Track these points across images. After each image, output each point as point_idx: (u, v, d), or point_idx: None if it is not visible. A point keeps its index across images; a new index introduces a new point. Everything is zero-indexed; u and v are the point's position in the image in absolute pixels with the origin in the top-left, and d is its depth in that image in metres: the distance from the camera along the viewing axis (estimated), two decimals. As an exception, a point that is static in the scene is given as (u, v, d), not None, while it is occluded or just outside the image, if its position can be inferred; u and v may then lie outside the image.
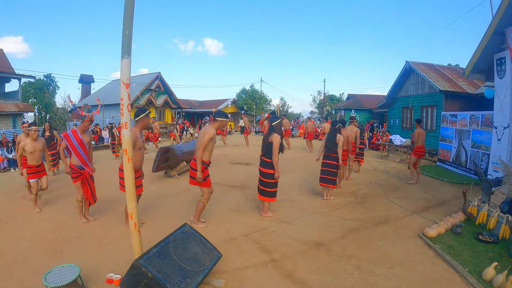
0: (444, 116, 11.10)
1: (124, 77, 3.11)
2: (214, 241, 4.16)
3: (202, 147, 4.59)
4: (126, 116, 3.12)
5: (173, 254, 3.11)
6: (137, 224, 3.18)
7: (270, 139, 5.31)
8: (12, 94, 23.99)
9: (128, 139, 3.16)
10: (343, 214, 5.91)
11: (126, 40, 3.02)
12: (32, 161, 5.86)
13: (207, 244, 3.57)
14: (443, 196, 7.15)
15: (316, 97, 48.66)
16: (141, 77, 33.84)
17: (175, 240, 3.30)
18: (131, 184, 3.18)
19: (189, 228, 3.64)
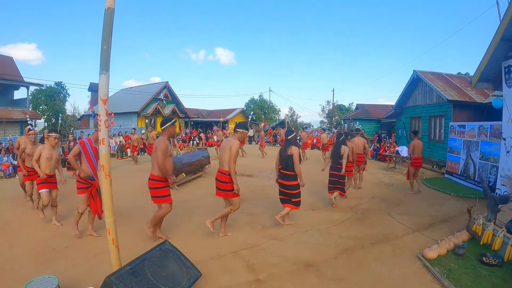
0: (452, 127, 10.71)
1: (102, 93, 3.10)
2: (201, 257, 4.22)
3: (233, 160, 4.72)
4: (104, 132, 3.11)
5: (148, 272, 3.07)
6: (115, 240, 3.16)
7: (290, 152, 5.48)
8: (21, 101, 24.50)
9: (106, 155, 3.14)
10: (340, 231, 5.61)
11: (104, 55, 3.05)
12: (46, 169, 5.63)
13: (186, 263, 3.47)
14: (448, 211, 6.77)
15: (325, 107, 48.32)
16: (149, 86, 34.10)
17: (152, 258, 3.26)
18: (109, 199, 3.15)
19: (169, 245, 3.57)
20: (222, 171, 4.85)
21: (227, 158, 4.74)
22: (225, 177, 4.81)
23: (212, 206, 6.79)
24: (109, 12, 3.07)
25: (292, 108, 53.81)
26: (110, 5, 3.08)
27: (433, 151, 13.74)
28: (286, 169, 5.57)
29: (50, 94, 28.72)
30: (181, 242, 4.82)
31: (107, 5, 3.08)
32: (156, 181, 4.60)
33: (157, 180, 4.60)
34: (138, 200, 7.34)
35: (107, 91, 3.13)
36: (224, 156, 4.80)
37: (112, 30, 3.10)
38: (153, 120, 31.01)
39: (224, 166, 4.82)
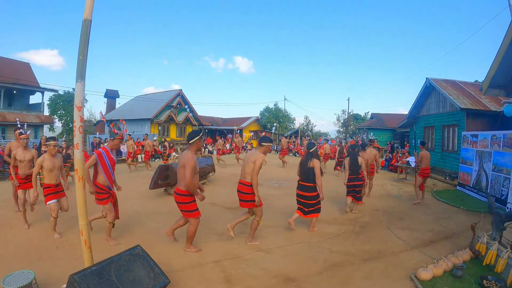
0: (465, 136, 10.15)
1: (77, 100, 3.22)
2: (181, 265, 4.24)
3: (256, 173, 4.76)
4: (78, 137, 3.20)
5: (112, 274, 3.09)
6: (87, 241, 3.24)
7: (311, 165, 5.61)
8: (36, 106, 25.17)
9: (80, 160, 3.25)
10: (333, 245, 5.26)
11: (80, 65, 3.14)
12: (51, 179, 5.29)
13: (156, 269, 3.46)
14: (454, 227, 6.28)
15: (340, 116, 47.59)
16: (163, 93, 34.37)
17: (120, 261, 3.28)
18: (82, 203, 3.22)
19: (141, 250, 3.58)
20: (244, 182, 4.89)
21: (250, 171, 4.79)
22: (247, 189, 4.85)
23: (209, 215, 6.65)
24: (86, 23, 3.15)
25: (308, 117, 53.19)
26: (87, 17, 3.15)
27: (446, 162, 13.13)
28: (306, 181, 5.67)
29: (68, 100, 29.30)
30: (166, 248, 4.86)
31: (84, 16, 3.14)
32: (183, 196, 4.53)
33: (184, 195, 4.52)
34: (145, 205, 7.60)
35: (82, 98, 3.25)
36: (247, 168, 4.84)
37: (88, 41, 3.20)
38: (166, 127, 31.18)
39: (246, 178, 4.86)
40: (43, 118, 24.12)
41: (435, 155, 14.32)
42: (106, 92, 37.04)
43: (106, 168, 4.86)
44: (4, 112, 21.76)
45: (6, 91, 22.48)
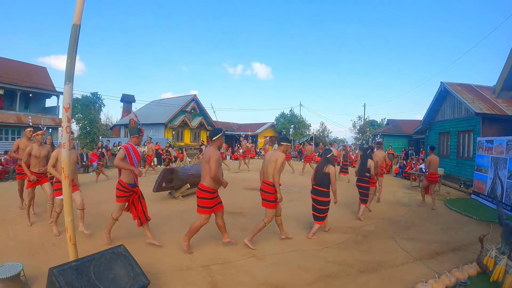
0: (480, 142, 9.67)
1: (65, 102, 3.31)
2: (169, 267, 4.24)
3: (277, 172, 4.97)
4: (65, 137, 3.30)
5: (91, 271, 3.13)
6: (72, 237, 3.33)
7: (327, 170, 5.72)
8: (51, 109, 25.82)
9: (67, 158, 3.35)
10: (330, 254, 4.98)
11: (69, 68, 3.24)
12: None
13: (136, 269, 3.44)
14: (464, 238, 5.89)
15: (356, 122, 46.90)
16: (178, 98, 34.59)
17: (100, 259, 3.32)
18: (68, 200, 3.33)
19: (123, 249, 3.59)
20: (268, 182, 5.05)
21: (272, 170, 4.97)
22: (270, 188, 5.01)
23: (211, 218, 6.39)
24: (75, 28, 3.25)
25: (324, 123, 52.59)
26: (76, 22, 3.25)
27: (462, 169, 12.59)
28: (320, 186, 5.79)
29: (86, 104, 29.84)
30: (159, 250, 4.87)
31: (74, 21, 3.25)
32: (205, 192, 4.68)
33: (205, 191, 4.68)
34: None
35: (70, 100, 3.31)
36: (270, 168, 5.01)
37: (77, 45, 3.30)
38: (180, 131, 31.31)
39: (269, 178, 5.03)
40: (58, 121, 24.59)
41: (450, 162, 13.80)
42: (122, 97, 37.59)
43: (132, 163, 4.83)
44: (20, 115, 22.41)
45: (23, 94, 23.15)
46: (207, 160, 4.58)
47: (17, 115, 22.38)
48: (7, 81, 21.53)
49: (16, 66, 23.92)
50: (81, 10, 3.28)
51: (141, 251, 4.68)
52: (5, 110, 22.29)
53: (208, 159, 4.57)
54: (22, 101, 23.53)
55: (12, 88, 22.05)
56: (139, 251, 4.59)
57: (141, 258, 4.36)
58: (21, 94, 22.95)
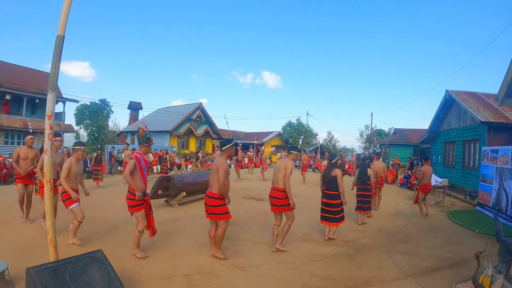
0: (485, 152, 9.30)
1: (48, 110, 3.41)
2: (151, 274, 4.20)
3: (288, 178, 5.14)
4: (47, 143, 3.44)
5: (67, 274, 3.17)
6: (53, 240, 3.45)
7: (334, 174, 6.06)
8: (57, 115, 26.07)
9: (48, 163, 3.47)
10: (317, 268, 4.72)
11: (52, 77, 3.39)
12: (75, 184, 5.38)
13: (112, 275, 3.45)
14: (464, 253, 5.53)
15: (363, 132, 46.43)
16: (183, 107, 34.69)
17: (77, 262, 3.35)
18: (50, 204, 3.46)
19: (101, 255, 3.61)
20: (278, 188, 5.23)
21: (282, 177, 5.15)
22: (280, 194, 5.19)
23: (201, 228, 6.48)
24: (59, 39, 3.40)
25: (331, 133, 52.20)
26: (61, 33, 3.41)
27: (467, 179, 12.17)
28: (330, 189, 6.11)
29: (94, 110, 30.07)
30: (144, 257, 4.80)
31: (58, 33, 3.39)
32: (216, 199, 4.75)
33: (216, 198, 4.76)
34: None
35: (53, 108, 3.43)
36: (280, 175, 5.19)
37: (61, 56, 3.45)
38: (185, 139, 31.27)
39: (279, 184, 5.20)
40: (63, 127, 24.91)
41: (456, 172, 13.38)
42: (129, 104, 37.86)
43: (142, 172, 4.81)
44: (26, 120, 22.69)
45: (29, 99, 23.54)
46: (216, 170, 4.69)
47: (24, 120, 22.72)
48: (15, 86, 21.89)
49: (23, 72, 24.35)
50: (65, 21, 3.41)
51: (126, 257, 4.73)
52: (12, 115, 22.70)
53: (217, 169, 4.67)
54: (28, 106, 23.94)
55: (19, 93, 22.41)
56: (123, 257, 4.71)
57: (124, 264, 4.45)
58: (27, 99, 23.36)
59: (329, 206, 6.09)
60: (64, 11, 3.41)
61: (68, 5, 3.44)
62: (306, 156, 16.48)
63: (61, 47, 3.42)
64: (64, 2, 3.41)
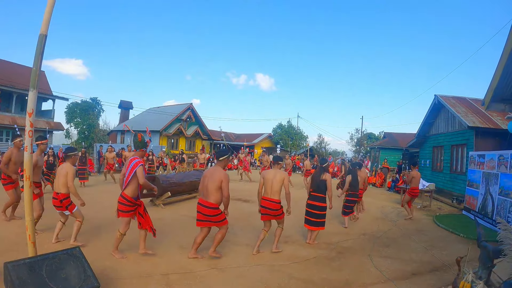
0: (472, 157, 9.26)
1: (29, 108, 3.42)
2: (129, 273, 4.16)
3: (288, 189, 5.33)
4: (28, 140, 3.45)
5: (44, 269, 3.22)
6: (31, 236, 3.49)
7: (323, 177, 6.02)
8: (47, 112, 25.79)
9: (28, 161, 3.49)
10: (296, 270, 4.62)
11: (34, 76, 3.40)
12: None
13: (88, 271, 3.50)
14: (447, 258, 5.43)
15: (353, 135, 46.55)
16: (173, 107, 34.42)
17: (54, 258, 3.39)
18: (29, 201, 3.49)
19: (78, 252, 3.64)
20: (275, 200, 5.27)
21: (279, 189, 5.29)
22: (277, 206, 5.27)
23: (184, 228, 6.52)
24: (41, 38, 3.38)
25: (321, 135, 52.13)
26: (43, 32, 3.38)
27: (455, 184, 12.15)
28: (317, 192, 6.01)
29: (85, 108, 29.69)
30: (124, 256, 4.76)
31: (40, 31, 3.37)
32: (214, 209, 4.73)
33: (215, 208, 4.73)
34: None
35: (34, 106, 3.43)
36: (277, 187, 5.26)
37: (43, 54, 3.46)
38: (175, 140, 31.02)
39: (275, 196, 5.27)
40: (52, 125, 24.71)
41: (443, 176, 13.37)
42: (120, 103, 37.49)
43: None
44: (16, 117, 22.48)
45: (19, 96, 23.17)
46: (217, 182, 4.67)
47: (13, 117, 22.51)
48: (4, 83, 21.56)
49: (13, 68, 24.01)
50: (48, 20, 3.40)
51: (107, 256, 4.70)
52: (1, 112, 22.30)
53: (220, 182, 4.66)
54: (18, 103, 23.61)
55: (8, 90, 22.06)
56: (104, 255, 4.69)
57: (104, 262, 4.45)
58: (17, 96, 23.04)
59: (313, 209, 5.99)
60: (48, 10, 3.39)
61: (52, 4, 3.40)
62: (290, 161, 16.43)
63: (43, 46, 3.40)
64: (48, 2, 3.39)
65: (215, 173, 4.74)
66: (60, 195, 5.04)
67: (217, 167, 4.90)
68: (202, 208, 4.73)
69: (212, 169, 4.89)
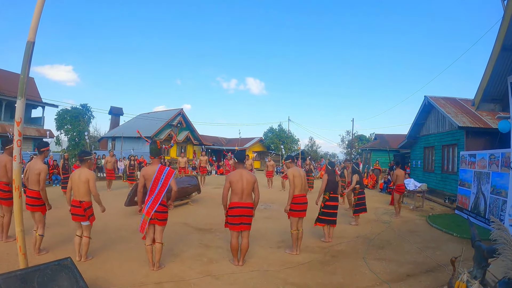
0: (463, 156, 9.33)
1: (17, 116, 3.38)
2: (123, 282, 4.08)
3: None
4: (16, 150, 3.38)
5: (35, 281, 3.14)
6: (22, 247, 3.42)
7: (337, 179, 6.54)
8: (36, 120, 25.46)
9: (17, 170, 3.43)
10: (290, 275, 4.54)
11: (22, 84, 3.35)
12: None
13: (80, 282, 3.41)
14: (442, 258, 5.41)
15: (344, 137, 46.72)
16: (164, 112, 34.25)
17: (46, 269, 3.31)
18: (18, 211, 3.40)
19: (70, 262, 3.56)
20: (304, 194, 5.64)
21: (305, 185, 5.70)
22: (307, 199, 5.63)
23: (175, 236, 6.39)
24: (29, 45, 3.31)
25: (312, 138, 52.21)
26: (31, 39, 3.32)
27: (446, 184, 12.22)
28: (336, 193, 6.44)
29: (75, 115, 29.34)
30: (117, 265, 4.68)
31: (28, 38, 3.31)
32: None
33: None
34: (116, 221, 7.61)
35: (22, 115, 3.41)
36: (304, 183, 5.66)
37: (30, 62, 3.40)
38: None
39: (303, 190, 5.62)
40: (42, 132, 24.34)
41: (435, 176, 13.44)
42: (110, 109, 37.20)
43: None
44: (5, 124, 22.04)
45: (8, 103, 22.74)
46: (253, 183, 4.83)
47: (2, 124, 22.05)
48: (-8, 90, 21.17)
49: (2, 75, 23.54)
50: (36, 27, 3.34)
51: (99, 265, 4.63)
52: (-10, 120, 21.93)
53: (253, 183, 4.83)
54: (7, 110, 23.19)
55: (-3, 97, 21.65)
56: (96, 265, 4.62)
57: (97, 272, 4.35)
58: (6, 103, 22.64)
59: (335, 209, 6.35)
60: (35, 17, 3.33)
61: (39, 11, 3.35)
62: (272, 163, 16.51)
63: (31, 53, 3.34)
64: (36, 8, 3.33)
65: (247, 175, 4.85)
66: (84, 204, 4.72)
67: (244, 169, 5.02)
68: (248, 210, 4.77)
69: (243, 171, 4.90)
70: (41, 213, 5.01)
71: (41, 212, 5.01)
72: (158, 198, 4.47)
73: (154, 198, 4.47)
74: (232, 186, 4.79)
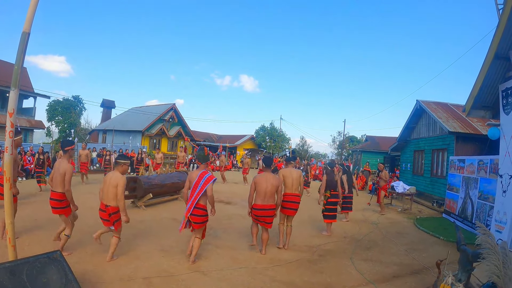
0: (452, 161, 9.44)
1: (10, 107, 3.32)
2: (111, 276, 4.09)
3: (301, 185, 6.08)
4: (8, 141, 3.33)
5: (24, 273, 3.14)
6: (11, 239, 3.40)
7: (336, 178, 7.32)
8: (28, 110, 24.99)
9: (8, 162, 3.37)
10: (278, 273, 4.57)
11: (15, 75, 3.29)
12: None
13: (69, 276, 3.40)
14: (428, 260, 5.47)
15: (336, 138, 46.96)
16: (156, 107, 33.98)
17: (35, 262, 3.30)
18: (9, 201, 3.37)
19: (59, 256, 3.54)
20: (295, 194, 5.79)
21: (297, 185, 5.84)
22: (298, 198, 5.80)
23: (166, 230, 6.39)
24: (24, 36, 3.28)
25: (304, 138, 52.34)
26: (26, 30, 3.28)
27: (435, 187, 12.36)
28: (336, 190, 7.16)
29: (67, 107, 28.94)
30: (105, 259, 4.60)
31: (23, 29, 3.27)
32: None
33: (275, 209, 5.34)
34: None
35: (14, 106, 3.33)
36: (295, 183, 5.80)
37: (25, 53, 3.33)
38: (157, 140, 30.62)
39: (293, 190, 5.79)
40: (33, 123, 24.02)
41: (424, 180, 13.59)
42: (102, 102, 36.83)
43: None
44: (-4, 113, 21.57)
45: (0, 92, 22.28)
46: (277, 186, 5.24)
47: (-8, 113, 21.59)
48: (-16, 79, 20.76)
49: (-7, 64, 23.13)
50: (32, 18, 3.30)
51: (88, 259, 4.62)
52: (-19, 109, 21.53)
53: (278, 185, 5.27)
54: (-1, 100, 22.67)
55: (-12, 87, 21.25)
56: (85, 259, 4.60)
57: (85, 266, 4.35)
58: (-2, 92, 22.13)
59: (336, 205, 7.08)
60: (31, 8, 3.28)
61: (35, 2, 3.31)
62: (248, 160, 16.79)
63: (25, 44, 3.30)
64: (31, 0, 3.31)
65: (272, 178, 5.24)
66: (109, 208, 4.51)
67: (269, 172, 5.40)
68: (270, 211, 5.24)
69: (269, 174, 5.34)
70: (65, 215, 4.83)
71: (64, 214, 4.82)
72: (194, 202, 4.61)
73: (192, 201, 4.62)
74: (256, 188, 5.22)
